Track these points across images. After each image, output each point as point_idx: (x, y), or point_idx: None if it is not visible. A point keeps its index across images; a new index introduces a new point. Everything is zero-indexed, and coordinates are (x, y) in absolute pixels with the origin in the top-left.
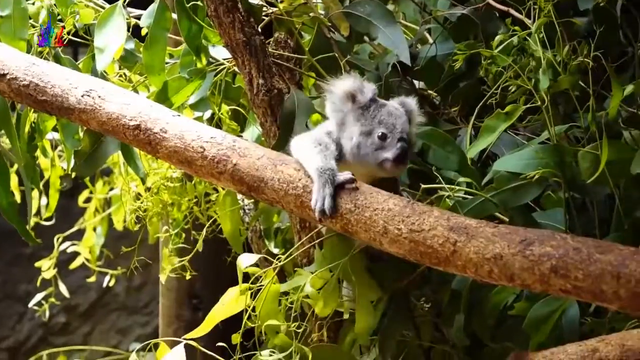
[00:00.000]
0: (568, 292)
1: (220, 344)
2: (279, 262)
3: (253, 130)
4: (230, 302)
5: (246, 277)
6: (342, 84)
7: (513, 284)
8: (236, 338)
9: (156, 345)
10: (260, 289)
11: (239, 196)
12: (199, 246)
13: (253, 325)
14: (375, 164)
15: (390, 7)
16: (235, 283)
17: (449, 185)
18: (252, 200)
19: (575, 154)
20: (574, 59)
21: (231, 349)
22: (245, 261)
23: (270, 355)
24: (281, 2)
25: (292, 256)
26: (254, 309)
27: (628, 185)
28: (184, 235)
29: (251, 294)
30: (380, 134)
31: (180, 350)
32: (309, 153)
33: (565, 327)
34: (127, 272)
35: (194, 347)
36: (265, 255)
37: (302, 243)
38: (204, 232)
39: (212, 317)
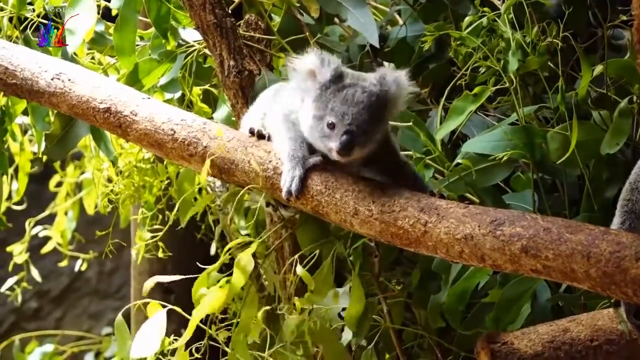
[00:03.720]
0: (539, 272)
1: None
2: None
3: (224, 110)
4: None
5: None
6: (303, 61)
7: (484, 265)
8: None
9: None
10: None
11: (210, 177)
12: (176, 221)
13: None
14: (326, 151)
15: None
16: (207, 265)
17: None
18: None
19: (545, 135)
20: (543, 39)
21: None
22: None
23: None
24: None
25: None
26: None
27: (597, 165)
28: (160, 216)
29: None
30: (329, 122)
31: (162, 315)
32: (282, 136)
33: (537, 308)
34: (99, 256)
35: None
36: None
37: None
38: (174, 211)
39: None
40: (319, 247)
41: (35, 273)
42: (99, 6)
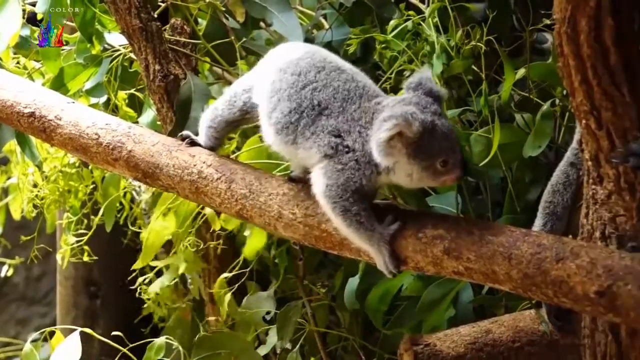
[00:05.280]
0: (461, 274)
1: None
2: None
3: (149, 114)
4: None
5: None
6: (386, 127)
7: (406, 267)
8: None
9: (53, 334)
10: None
11: (135, 182)
12: (100, 223)
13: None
14: (439, 184)
15: None
16: (133, 270)
17: None
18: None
19: (468, 137)
20: (467, 43)
21: (129, 338)
22: None
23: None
24: None
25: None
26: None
27: (520, 168)
28: (85, 221)
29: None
30: (441, 161)
31: (75, 338)
32: (355, 227)
33: (459, 309)
34: (26, 261)
35: (91, 335)
36: None
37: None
38: (99, 215)
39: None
40: None
41: None
42: (24, 10)
